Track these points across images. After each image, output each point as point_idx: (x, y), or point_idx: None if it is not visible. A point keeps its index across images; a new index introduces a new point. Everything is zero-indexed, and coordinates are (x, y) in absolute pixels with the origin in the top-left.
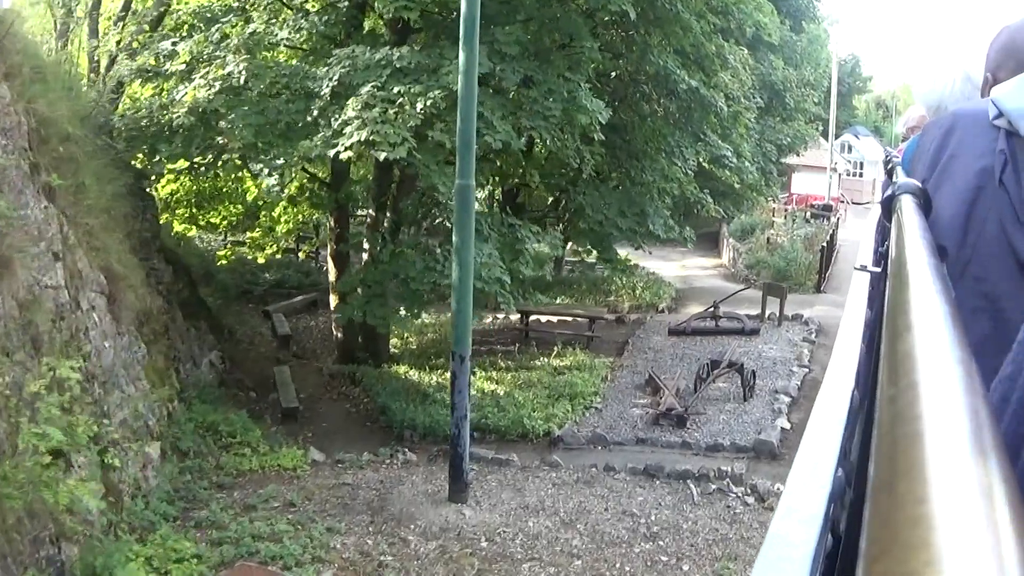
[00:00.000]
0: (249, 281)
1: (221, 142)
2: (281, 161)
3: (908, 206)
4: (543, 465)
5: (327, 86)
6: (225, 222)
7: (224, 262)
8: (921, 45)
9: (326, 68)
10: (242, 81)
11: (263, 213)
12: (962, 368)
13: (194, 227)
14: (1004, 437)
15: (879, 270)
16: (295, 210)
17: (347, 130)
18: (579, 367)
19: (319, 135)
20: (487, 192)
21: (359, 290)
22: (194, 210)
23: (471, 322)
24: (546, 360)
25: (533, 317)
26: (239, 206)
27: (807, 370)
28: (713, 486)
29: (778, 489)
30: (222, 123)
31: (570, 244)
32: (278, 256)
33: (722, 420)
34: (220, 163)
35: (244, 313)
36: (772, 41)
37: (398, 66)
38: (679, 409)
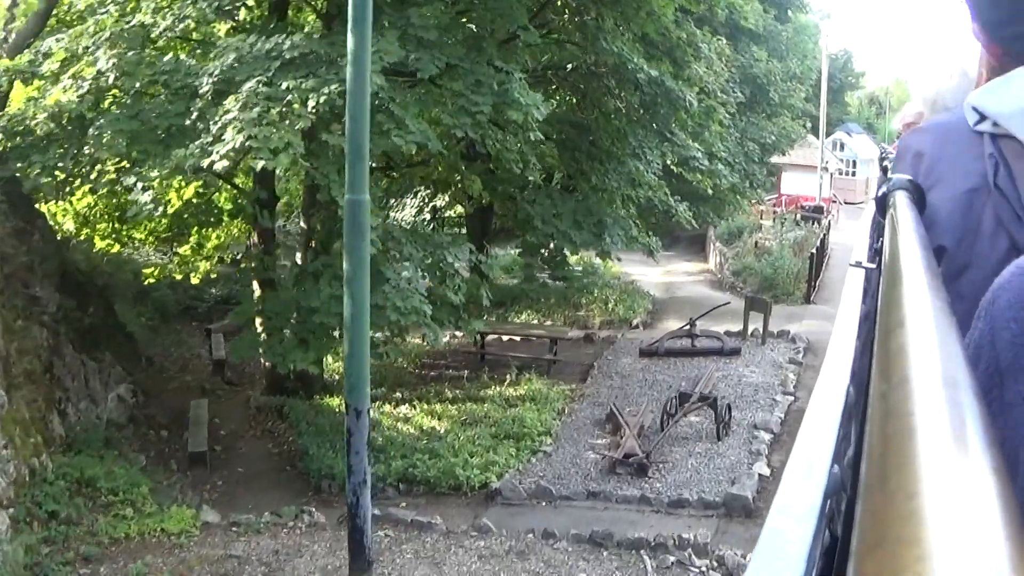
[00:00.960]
0: (193, 297)
1: (88, 152)
2: (156, 173)
3: (902, 202)
4: (471, 531)
5: (208, 82)
6: (152, 237)
7: (152, 280)
8: (916, 40)
9: (212, 62)
10: (110, 80)
11: (195, 228)
12: (954, 364)
13: (117, 244)
14: None
15: (874, 266)
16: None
17: (226, 135)
18: (534, 398)
19: (198, 141)
20: (422, 202)
21: (258, 321)
22: (116, 224)
23: (368, 368)
24: (499, 389)
25: (491, 336)
26: (162, 220)
27: (792, 399)
28: (671, 558)
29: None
30: (92, 130)
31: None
32: (213, 275)
33: (690, 466)
34: (94, 176)
35: (183, 332)
36: (749, 26)
37: (288, 57)
38: (639, 455)
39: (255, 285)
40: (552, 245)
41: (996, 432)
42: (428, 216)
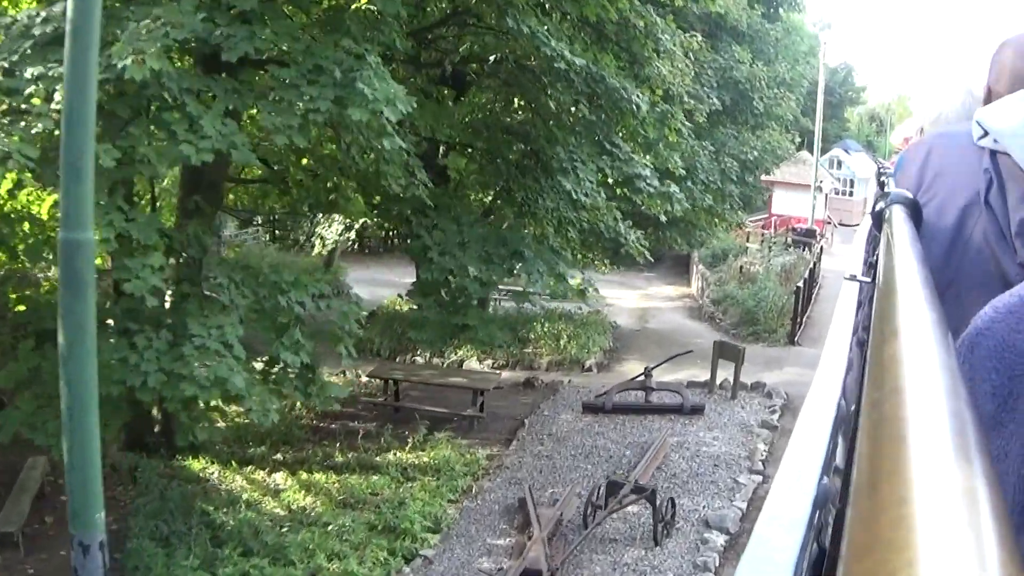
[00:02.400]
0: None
1: None
2: None
3: (899, 216)
4: None
5: None
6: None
7: (23, 307)
8: (920, 57)
9: None
10: None
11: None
12: (947, 373)
13: None
14: None
15: (869, 280)
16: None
17: None
18: (439, 468)
19: None
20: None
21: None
22: None
23: (99, 484)
24: (400, 455)
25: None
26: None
27: (760, 479)
28: None
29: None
30: None
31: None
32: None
33: None
34: None
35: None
36: (717, 8)
37: (39, 34)
38: (544, 571)
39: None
40: (453, 283)
41: (988, 441)
42: (354, 236)
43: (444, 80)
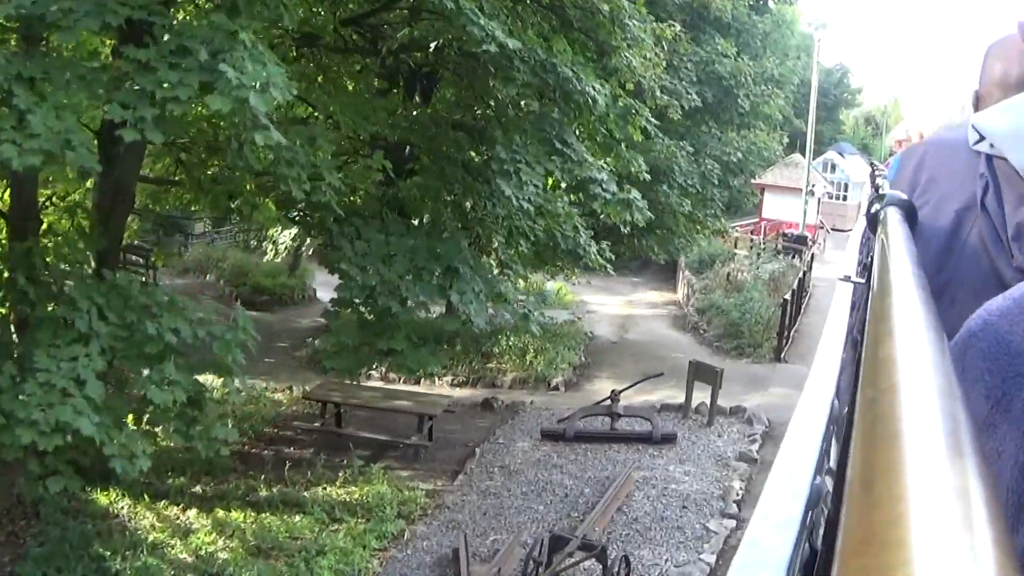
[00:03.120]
0: None
1: None
2: None
3: (894, 218)
4: None
5: None
6: None
7: None
8: (917, 59)
9: None
10: None
11: None
12: (941, 373)
13: None
14: None
15: (863, 281)
16: None
17: None
18: (371, 507)
19: None
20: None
21: None
22: None
23: None
24: (331, 490)
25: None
26: None
27: (734, 524)
28: None
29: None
30: None
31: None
32: None
33: None
34: None
35: None
36: None
37: None
38: None
39: None
40: (378, 302)
41: (981, 440)
42: (298, 243)
43: (413, 76)
